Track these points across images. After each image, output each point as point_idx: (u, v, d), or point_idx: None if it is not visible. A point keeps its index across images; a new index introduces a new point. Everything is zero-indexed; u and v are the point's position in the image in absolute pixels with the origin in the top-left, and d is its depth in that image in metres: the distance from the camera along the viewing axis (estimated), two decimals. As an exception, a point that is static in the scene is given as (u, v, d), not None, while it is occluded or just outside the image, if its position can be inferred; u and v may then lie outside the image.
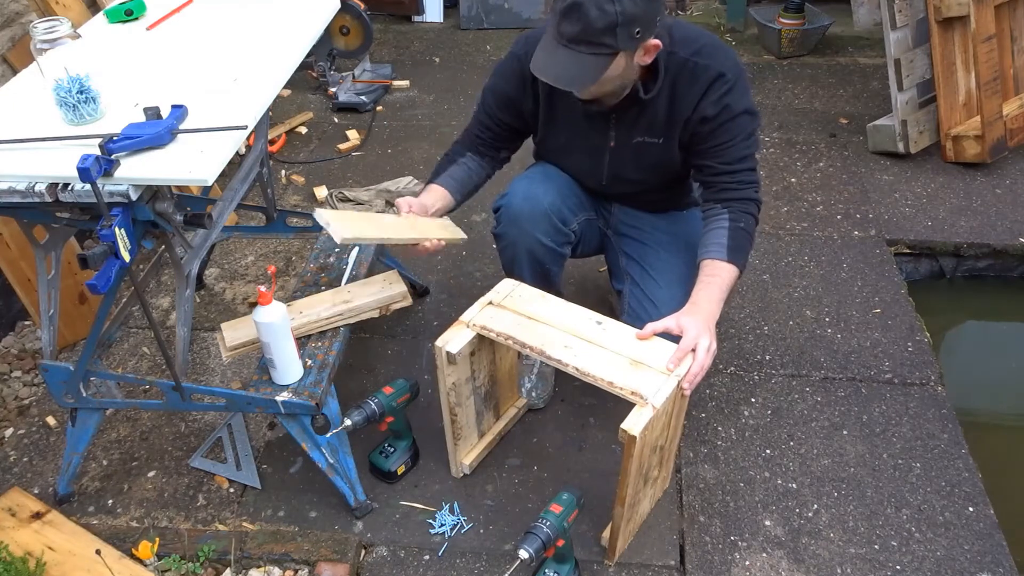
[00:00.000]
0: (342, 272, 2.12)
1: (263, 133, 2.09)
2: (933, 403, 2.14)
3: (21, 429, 2.18)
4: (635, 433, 1.47)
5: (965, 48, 3.00)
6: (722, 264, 1.69)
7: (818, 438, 2.06)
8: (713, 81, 1.68)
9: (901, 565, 1.77)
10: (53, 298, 1.75)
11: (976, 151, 3.00)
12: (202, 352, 2.39)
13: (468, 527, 1.87)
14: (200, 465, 2.05)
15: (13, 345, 2.45)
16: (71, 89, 1.53)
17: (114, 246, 1.39)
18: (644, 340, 1.64)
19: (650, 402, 1.52)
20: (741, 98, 1.70)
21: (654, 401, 1.52)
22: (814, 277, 2.58)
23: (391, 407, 1.87)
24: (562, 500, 1.62)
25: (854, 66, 3.85)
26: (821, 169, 3.11)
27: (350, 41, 3.64)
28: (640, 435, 1.48)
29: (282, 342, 1.75)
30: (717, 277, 1.68)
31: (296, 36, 1.87)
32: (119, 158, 1.43)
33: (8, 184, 1.45)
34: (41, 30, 1.56)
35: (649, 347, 1.64)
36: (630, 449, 1.50)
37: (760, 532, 1.84)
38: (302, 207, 2.99)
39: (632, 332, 1.67)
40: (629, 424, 1.48)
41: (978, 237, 2.73)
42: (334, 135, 3.46)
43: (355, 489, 1.88)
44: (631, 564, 1.78)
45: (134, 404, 1.89)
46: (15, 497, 1.89)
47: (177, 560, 1.76)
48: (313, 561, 1.77)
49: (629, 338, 1.66)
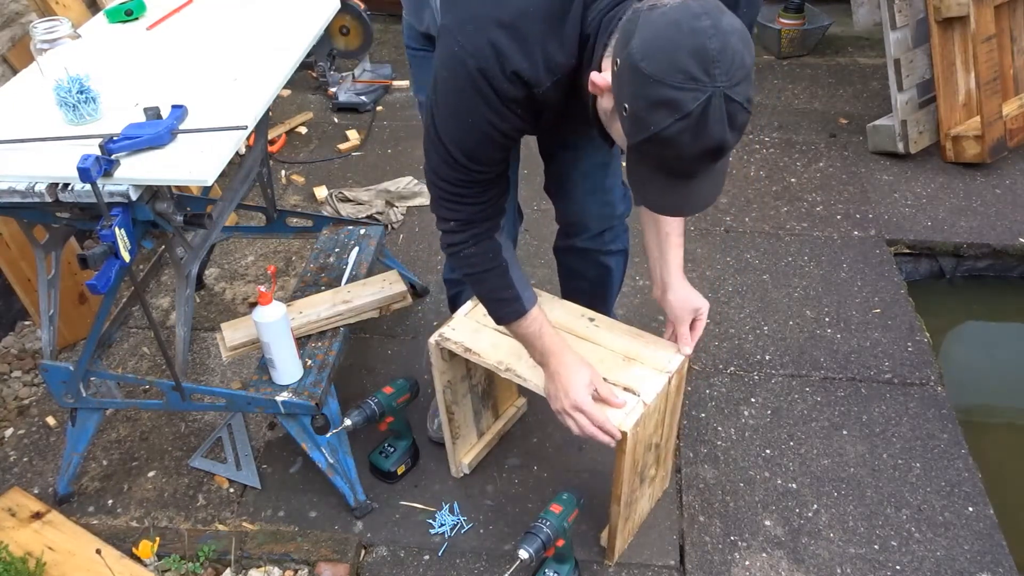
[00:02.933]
0: (342, 272, 2.12)
1: (263, 133, 2.09)
2: (933, 403, 2.14)
3: (21, 429, 2.18)
4: (626, 429, 1.47)
5: (965, 48, 3.00)
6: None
7: (818, 438, 2.06)
8: None
9: (901, 565, 1.77)
10: (53, 298, 1.75)
11: (976, 151, 3.00)
12: (202, 352, 2.39)
13: (468, 527, 1.87)
14: (200, 465, 2.05)
15: (13, 345, 2.45)
16: (71, 89, 1.53)
17: (114, 246, 1.39)
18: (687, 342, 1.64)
19: (641, 398, 1.53)
20: None
21: (645, 397, 1.53)
22: (814, 277, 2.58)
23: (391, 407, 1.87)
24: (562, 500, 1.62)
25: (854, 66, 3.85)
26: (821, 169, 3.11)
27: (350, 41, 3.64)
28: (632, 431, 1.48)
29: (282, 342, 1.75)
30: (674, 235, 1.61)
31: (296, 36, 1.86)
32: (119, 158, 1.43)
33: (8, 184, 1.45)
34: (41, 30, 1.56)
35: (641, 343, 1.66)
36: (622, 445, 1.51)
37: (760, 532, 1.84)
38: (302, 207, 2.99)
39: (624, 329, 1.69)
40: (620, 420, 1.49)
41: (978, 237, 2.72)
42: (334, 135, 3.46)
43: (355, 489, 1.88)
44: (631, 564, 1.78)
45: (134, 404, 1.89)
46: (15, 497, 1.89)
47: (177, 560, 1.76)
48: (313, 561, 1.77)
49: (621, 335, 1.68)
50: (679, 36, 1.03)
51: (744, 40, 1.07)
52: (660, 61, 1.04)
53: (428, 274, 2.63)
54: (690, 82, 1.03)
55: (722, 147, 1.09)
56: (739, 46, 1.05)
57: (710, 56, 1.02)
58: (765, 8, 4.06)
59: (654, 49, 1.05)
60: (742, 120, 1.08)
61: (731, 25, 1.06)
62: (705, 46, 1.02)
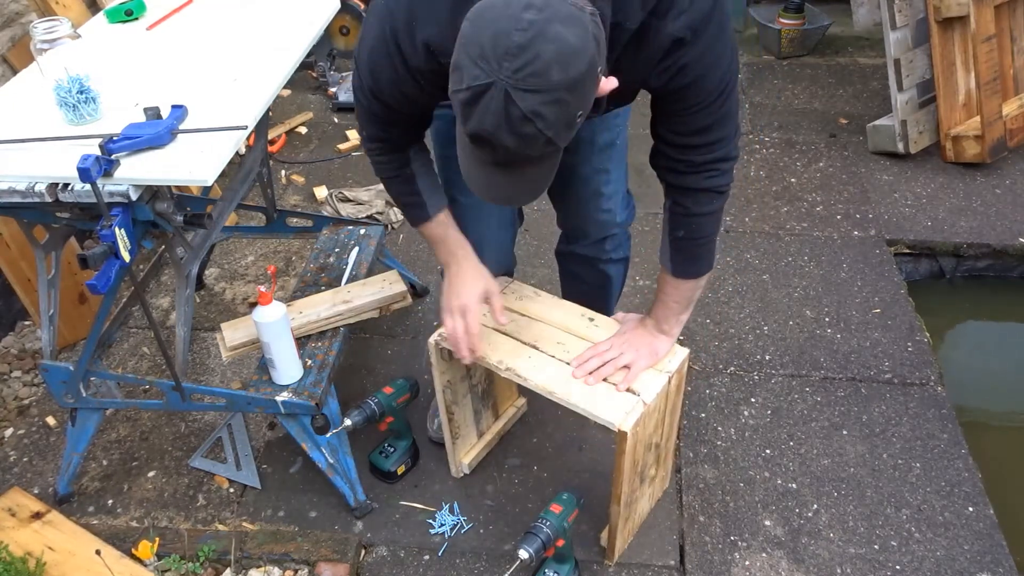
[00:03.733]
0: (342, 272, 2.12)
1: (263, 133, 2.09)
2: (933, 403, 2.14)
3: (21, 429, 2.18)
4: (626, 428, 1.48)
5: (965, 48, 3.00)
6: (669, 279, 1.55)
7: (818, 438, 2.06)
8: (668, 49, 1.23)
9: (901, 565, 1.77)
10: (53, 298, 1.75)
11: (976, 151, 3.00)
12: (202, 352, 2.39)
13: (468, 527, 1.87)
14: (200, 465, 2.05)
15: (13, 345, 2.45)
16: (71, 89, 1.53)
17: (114, 246, 1.39)
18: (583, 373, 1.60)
19: (641, 397, 1.53)
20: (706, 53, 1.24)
21: (645, 396, 1.53)
22: (814, 277, 2.58)
23: (391, 407, 1.87)
24: (562, 500, 1.62)
25: (854, 66, 3.85)
26: (821, 169, 3.11)
27: (350, 41, 3.64)
28: (632, 431, 1.49)
29: (282, 342, 1.75)
30: (669, 295, 1.57)
31: (296, 36, 1.86)
32: (119, 158, 1.43)
33: (8, 184, 1.45)
34: (41, 30, 1.56)
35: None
36: (622, 445, 1.51)
37: (760, 532, 1.84)
38: (302, 207, 3.00)
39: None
40: (620, 419, 1.49)
41: (978, 237, 2.73)
42: (334, 135, 3.46)
43: (355, 489, 1.88)
44: (631, 564, 1.78)
45: (134, 404, 1.89)
46: (15, 497, 1.89)
47: (177, 560, 1.76)
48: (313, 561, 1.77)
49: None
50: (497, 14, 1.00)
51: (565, 59, 0.99)
52: (472, 28, 1.02)
53: (428, 274, 2.63)
54: (480, 60, 1.00)
55: (490, 141, 1.05)
56: (550, 57, 0.98)
57: (506, 46, 0.98)
58: (765, 8, 4.06)
59: (476, 15, 1.03)
60: (527, 130, 1.02)
61: (559, 36, 0.99)
62: (509, 35, 0.98)
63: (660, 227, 1.53)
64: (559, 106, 1.02)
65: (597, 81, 1.07)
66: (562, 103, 1.02)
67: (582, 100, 1.06)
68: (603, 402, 1.54)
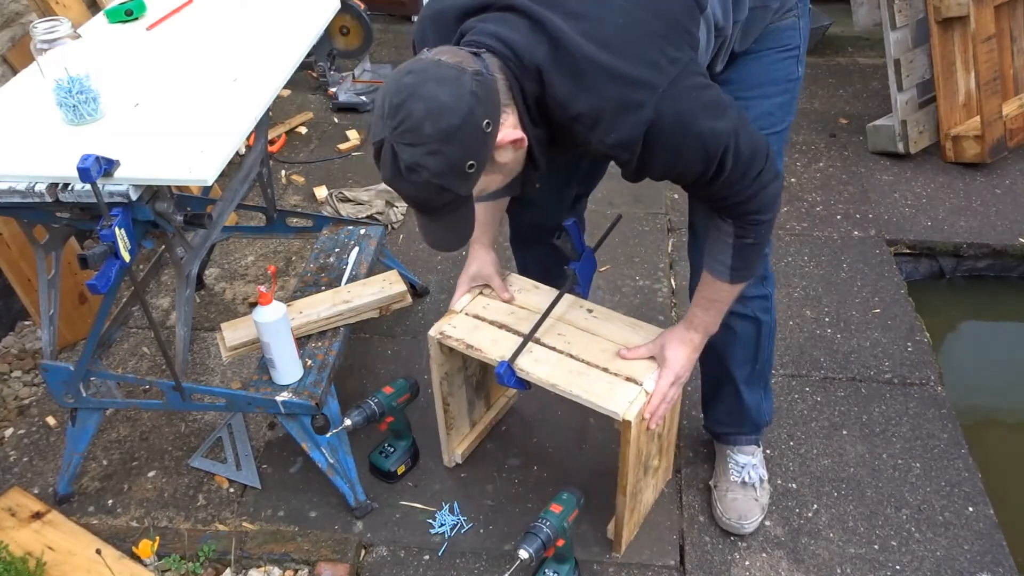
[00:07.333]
0: (342, 272, 2.12)
1: (263, 133, 2.09)
2: (933, 403, 2.14)
3: (21, 429, 2.18)
4: (630, 418, 1.48)
5: (965, 48, 3.00)
6: (723, 286, 1.50)
7: (818, 438, 2.06)
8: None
9: (901, 565, 1.77)
10: (53, 298, 1.75)
11: (976, 151, 3.00)
12: (202, 352, 2.39)
13: (468, 527, 1.87)
14: (200, 465, 2.05)
15: (13, 345, 2.45)
16: (71, 89, 1.53)
17: (114, 246, 1.39)
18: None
19: (644, 387, 1.54)
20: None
21: (647, 386, 1.54)
22: (814, 277, 2.58)
23: (391, 407, 1.87)
24: (562, 500, 1.62)
25: (854, 66, 3.85)
26: (821, 169, 3.11)
27: (350, 41, 3.64)
28: (636, 420, 1.49)
29: (282, 342, 1.75)
30: (718, 302, 1.53)
31: (296, 36, 1.87)
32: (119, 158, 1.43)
33: (8, 184, 1.45)
34: (41, 30, 1.55)
35: (642, 334, 1.67)
36: (627, 435, 1.52)
37: (760, 532, 1.84)
38: (302, 207, 2.99)
39: (624, 319, 1.71)
40: (624, 409, 1.49)
41: (978, 237, 2.73)
42: (334, 135, 3.46)
43: (355, 489, 1.88)
44: (631, 564, 1.78)
45: (134, 404, 1.89)
46: (15, 497, 1.89)
47: (177, 560, 1.76)
48: (313, 561, 1.77)
49: (621, 326, 1.69)
50: (389, 81, 1.19)
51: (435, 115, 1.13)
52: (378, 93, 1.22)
53: (428, 274, 2.63)
54: (378, 120, 1.18)
55: (397, 190, 1.23)
56: (421, 115, 1.14)
57: (388, 107, 1.16)
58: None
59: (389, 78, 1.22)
60: (417, 179, 1.18)
61: (430, 95, 1.14)
62: (390, 97, 1.16)
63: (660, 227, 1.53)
64: (438, 156, 1.16)
65: (485, 133, 1.18)
66: (440, 154, 1.16)
67: (464, 150, 1.17)
68: (606, 393, 1.54)
